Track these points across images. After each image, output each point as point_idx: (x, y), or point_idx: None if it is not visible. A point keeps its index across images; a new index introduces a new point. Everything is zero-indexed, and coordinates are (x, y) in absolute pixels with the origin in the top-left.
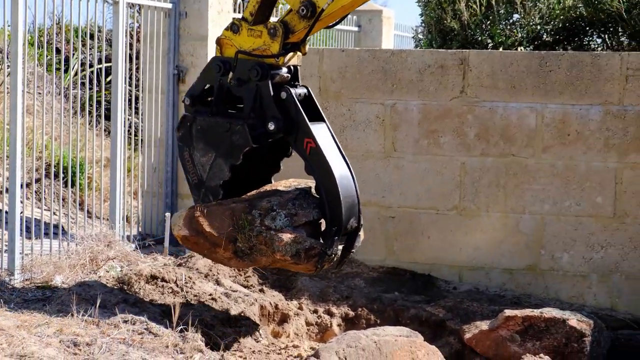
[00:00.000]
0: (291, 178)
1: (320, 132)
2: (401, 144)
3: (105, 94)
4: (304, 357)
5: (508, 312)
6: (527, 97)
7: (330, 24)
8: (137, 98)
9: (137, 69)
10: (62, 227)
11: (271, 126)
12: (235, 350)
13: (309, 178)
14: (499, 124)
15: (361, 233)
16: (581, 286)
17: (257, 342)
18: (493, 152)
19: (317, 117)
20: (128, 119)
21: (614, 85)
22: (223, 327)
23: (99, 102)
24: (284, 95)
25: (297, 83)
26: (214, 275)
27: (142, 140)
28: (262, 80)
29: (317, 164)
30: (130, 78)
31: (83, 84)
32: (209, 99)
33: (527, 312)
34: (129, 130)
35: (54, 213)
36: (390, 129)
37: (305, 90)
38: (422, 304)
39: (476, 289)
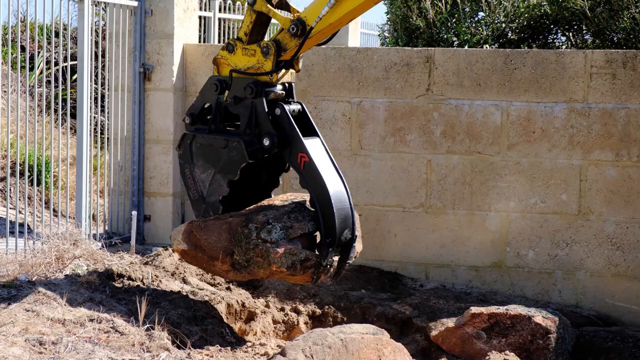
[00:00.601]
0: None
1: (314, 147)
2: (368, 141)
3: (71, 92)
4: (270, 355)
5: (474, 310)
6: (492, 95)
7: (321, 42)
8: (103, 96)
9: (103, 67)
10: (28, 225)
11: (266, 142)
12: (201, 349)
13: (307, 192)
14: (464, 121)
15: (357, 244)
16: (546, 283)
17: (224, 340)
18: (459, 150)
19: (310, 132)
20: (94, 117)
21: (579, 82)
22: (190, 326)
23: (64, 101)
24: (278, 111)
25: (291, 100)
26: (180, 273)
27: (108, 138)
28: (257, 98)
29: (310, 178)
30: (97, 76)
31: (49, 82)
32: (208, 117)
33: (493, 309)
34: (95, 129)
35: (20, 212)
36: (357, 126)
37: (299, 107)
38: (388, 302)
39: (442, 286)
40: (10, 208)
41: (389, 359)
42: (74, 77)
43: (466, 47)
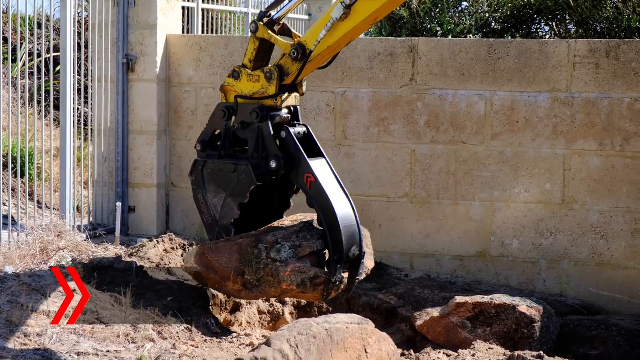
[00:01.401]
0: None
1: (320, 167)
2: (352, 131)
3: (54, 84)
4: (255, 345)
5: (459, 299)
6: (476, 85)
7: (323, 65)
8: (86, 87)
9: (87, 58)
10: (12, 217)
11: (273, 164)
12: (187, 340)
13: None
14: (448, 111)
15: (368, 261)
16: (531, 272)
17: (210, 330)
18: (443, 140)
19: (316, 153)
20: (78, 109)
21: (562, 72)
22: (175, 317)
23: (48, 92)
24: (283, 134)
25: (297, 122)
26: (165, 264)
27: (92, 129)
28: (263, 122)
29: (317, 197)
30: (80, 67)
31: (32, 73)
32: (218, 143)
33: (478, 298)
34: (78, 120)
35: (4, 204)
36: (341, 117)
37: (304, 129)
38: (373, 292)
39: (427, 276)
40: None
41: (374, 349)
42: (57, 69)
43: (450, 37)
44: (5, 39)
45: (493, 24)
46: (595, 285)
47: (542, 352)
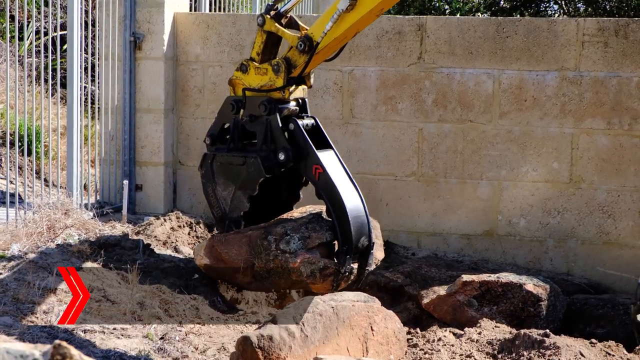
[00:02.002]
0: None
1: (328, 159)
2: (359, 110)
3: (61, 62)
4: (262, 323)
5: (465, 277)
6: (484, 63)
7: (330, 57)
8: (93, 66)
9: (94, 36)
10: (19, 195)
11: (281, 156)
12: (193, 317)
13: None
14: (456, 90)
15: (378, 252)
16: (538, 251)
17: (216, 308)
18: (450, 118)
19: (324, 145)
20: (85, 87)
21: (570, 51)
22: (181, 294)
23: (55, 70)
24: (291, 126)
25: (304, 115)
26: (172, 242)
27: (99, 108)
28: (271, 115)
29: (325, 189)
30: (87, 45)
31: (39, 52)
32: (227, 136)
33: (484, 277)
34: (85, 98)
35: (11, 182)
36: (348, 95)
37: (312, 121)
38: (380, 270)
39: (434, 254)
40: (1, 178)
41: (380, 326)
42: (64, 47)
43: (458, 15)
44: (13, 17)
45: (502, 3)
46: (602, 264)
47: (548, 331)
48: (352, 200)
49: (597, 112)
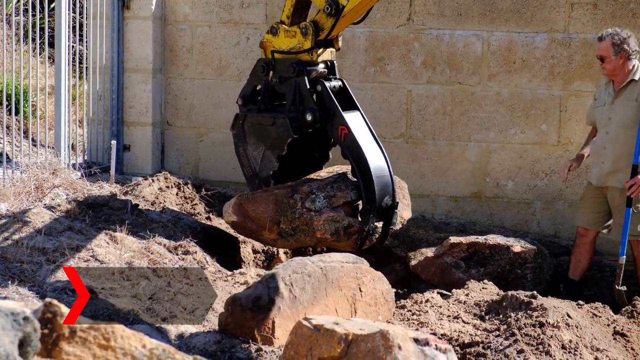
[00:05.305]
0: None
1: (354, 120)
2: (348, 71)
3: (49, 21)
4: (250, 283)
5: (453, 239)
6: (473, 25)
7: (357, 20)
8: (81, 25)
9: None
10: (7, 155)
11: (309, 117)
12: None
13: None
14: (445, 51)
15: (404, 211)
16: (525, 213)
17: (204, 269)
18: (439, 80)
19: (351, 106)
20: (73, 46)
21: (560, 13)
22: (170, 254)
23: (42, 29)
24: (319, 88)
25: (332, 77)
26: (160, 203)
27: (87, 67)
28: (300, 76)
29: (351, 149)
30: (75, 4)
31: (26, 10)
32: (258, 98)
33: (472, 239)
34: (73, 58)
35: None
36: (337, 56)
37: (340, 83)
38: None
39: (422, 216)
40: None
41: (368, 288)
42: (52, 6)
43: None
44: None
45: None
46: None
47: (535, 292)
48: (376, 160)
49: (585, 74)
